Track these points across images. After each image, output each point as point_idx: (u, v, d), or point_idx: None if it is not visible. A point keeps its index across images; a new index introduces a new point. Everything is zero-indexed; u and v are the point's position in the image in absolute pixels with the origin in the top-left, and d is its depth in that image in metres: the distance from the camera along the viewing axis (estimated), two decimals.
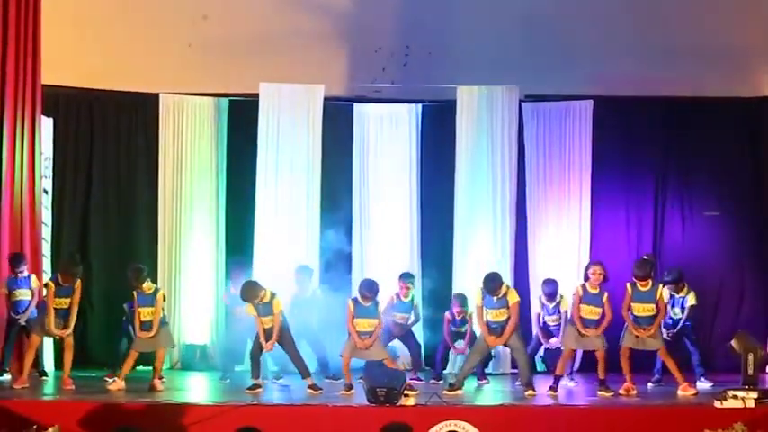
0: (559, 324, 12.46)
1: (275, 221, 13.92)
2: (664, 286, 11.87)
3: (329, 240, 13.80)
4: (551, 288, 12.52)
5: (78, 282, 11.79)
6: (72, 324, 11.75)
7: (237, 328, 12.70)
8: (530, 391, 11.37)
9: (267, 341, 11.62)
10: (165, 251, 14.12)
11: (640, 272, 11.51)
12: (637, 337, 11.47)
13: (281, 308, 11.75)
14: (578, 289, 11.72)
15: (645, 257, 12.10)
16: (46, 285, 11.89)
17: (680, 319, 12.26)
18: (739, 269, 14.32)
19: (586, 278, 11.79)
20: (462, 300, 12.72)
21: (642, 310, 11.47)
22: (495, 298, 11.46)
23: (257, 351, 11.76)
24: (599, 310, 11.53)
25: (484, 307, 11.54)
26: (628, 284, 11.56)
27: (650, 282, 11.52)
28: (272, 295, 11.69)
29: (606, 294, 11.64)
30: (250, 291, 11.64)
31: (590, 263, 12.07)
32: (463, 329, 12.71)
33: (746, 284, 14.29)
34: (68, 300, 11.71)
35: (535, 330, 12.88)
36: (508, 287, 11.72)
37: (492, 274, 11.64)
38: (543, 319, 12.69)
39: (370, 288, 11.52)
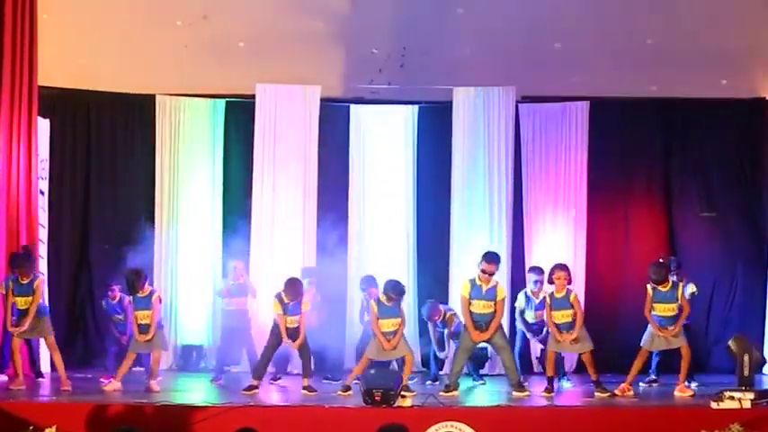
0: (541, 321, 12.34)
1: (272, 222, 13.93)
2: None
3: (326, 241, 13.79)
4: (539, 275, 12.42)
5: (38, 281, 11.64)
6: (27, 323, 11.49)
7: (230, 324, 12.66)
8: (516, 393, 11.34)
9: (292, 340, 11.55)
10: (162, 252, 14.10)
11: (656, 276, 11.52)
12: (660, 336, 11.47)
13: (309, 307, 11.77)
14: (547, 299, 11.73)
15: (660, 261, 12.01)
16: (5, 283, 11.73)
17: None
18: (733, 270, 14.32)
19: (550, 282, 11.78)
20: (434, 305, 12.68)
21: (665, 310, 11.48)
22: (483, 288, 11.47)
23: (271, 350, 11.73)
24: (570, 312, 11.54)
25: (470, 299, 11.53)
26: (648, 286, 11.55)
27: (669, 282, 11.55)
28: None
29: (574, 294, 11.67)
30: (298, 288, 11.59)
31: (553, 268, 11.86)
32: (444, 331, 12.66)
33: (739, 285, 14.29)
34: (28, 299, 11.53)
35: (519, 326, 12.80)
36: (497, 282, 11.71)
37: (493, 252, 11.78)
38: (524, 316, 12.56)
39: (395, 289, 11.47)
